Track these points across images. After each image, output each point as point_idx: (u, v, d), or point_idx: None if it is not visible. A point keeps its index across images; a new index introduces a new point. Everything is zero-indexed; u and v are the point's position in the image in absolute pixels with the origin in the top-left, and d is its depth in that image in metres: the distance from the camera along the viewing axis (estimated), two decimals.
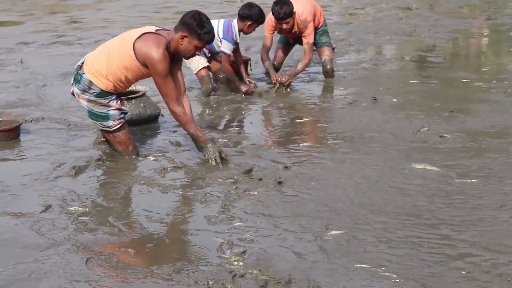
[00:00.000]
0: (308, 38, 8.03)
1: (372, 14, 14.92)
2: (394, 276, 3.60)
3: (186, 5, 16.75)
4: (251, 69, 8.48)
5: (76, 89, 5.42)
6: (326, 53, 8.46)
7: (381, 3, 16.63)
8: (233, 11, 15.18)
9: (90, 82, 5.29)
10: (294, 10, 7.72)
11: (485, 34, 12.73)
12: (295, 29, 7.98)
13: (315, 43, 8.36)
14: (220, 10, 15.42)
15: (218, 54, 7.80)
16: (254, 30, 7.63)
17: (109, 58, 5.27)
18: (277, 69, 8.61)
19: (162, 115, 6.75)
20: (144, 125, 6.48)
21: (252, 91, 7.71)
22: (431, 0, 17.00)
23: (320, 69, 8.80)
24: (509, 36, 12.14)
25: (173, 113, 5.32)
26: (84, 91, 5.36)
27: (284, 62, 8.76)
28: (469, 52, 11.14)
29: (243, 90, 7.69)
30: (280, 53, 8.61)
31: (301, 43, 8.25)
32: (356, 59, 9.80)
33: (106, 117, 5.42)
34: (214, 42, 7.50)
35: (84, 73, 5.33)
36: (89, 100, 5.38)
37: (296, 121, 6.67)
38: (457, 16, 14.55)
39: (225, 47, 7.53)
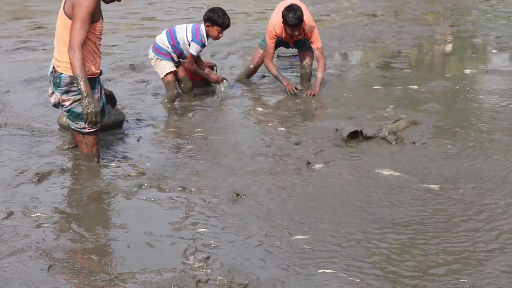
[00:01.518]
0: (317, 43, 8.11)
1: (337, 20, 14.99)
2: (357, 280, 3.62)
3: (152, 11, 16.74)
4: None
5: (58, 94, 5.33)
6: (309, 57, 8.51)
7: (347, 10, 16.74)
8: (200, 17, 15.14)
9: (70, 77, 5.21)
10: None
11: (448, 40, 12.86)
12: (302, 34, 8.03)
13: (299, 46, 8.43)
14: (187, 16, 15.40)
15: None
16: (221, 35, 7.64)
17: (64, 40, 5.21)
18: (252, 72, 8.65)
19: (127, 120, 6.72)
20: (108, 131, 6.44)
21: (223, 78, 7.81)
22: (396, 7, 17.15)
23: (286, 74, 8.83)
24: (471, 42, 12.29)
25: (71, 50, 5.10)
26: (67, 92, 5.26)
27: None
28: (433, 58, 11.25)
29: (213, 78, 7.78)
30: (260, 60, 8.63)
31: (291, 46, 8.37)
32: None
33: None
34: (181, 41, 7.53)
35: (61, 73, 5.25)
36: (74, 100, 5.30)
37: (261, 126, 6.67)
38: (421, 23, 14.69)
39: (193, 49, 7.55)
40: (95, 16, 5.19)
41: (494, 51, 11.37)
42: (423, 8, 17.35)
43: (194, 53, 7.58)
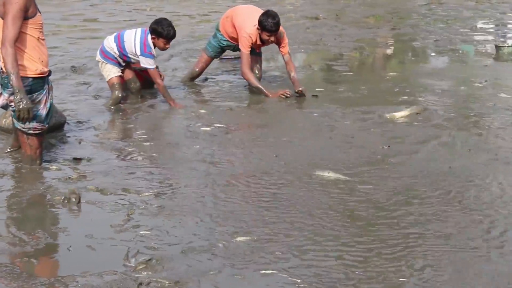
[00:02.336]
0: (287, 47, 8.14)
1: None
2: (299, 281, 3.66)
3: (94, 12, 16.55)
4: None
5: (6, 95, 5.22)
6: (259, 62, 8.58)
7: (289, 13, 16.81)
8: (142, 19, 15.09)
9: None
10: None
11: (389, 43, 13.03)
12: (275, 40, 8.04)
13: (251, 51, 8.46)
14: (129, 18, 15.27)
15: (132, 65, 7.76)
16: (168, 46, 7.61)
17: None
18: (196, 76, 8.64)
19: (67, 123, 6.65)
20: (49, 133, 6.36)
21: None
22: (337, 10, 17.30)
23: (229, 77, 8.87)
24: (411, 45, 12.47)
25: (3, 47, 5.03)
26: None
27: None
28: (374, 61, 11.39)
29: (177, 107, 7.49)
30: (205, 65, 8.63)
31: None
32: (264, 68, 9.87)
33: (33, 118, 5.26)
34: (130, 53, 7.49)
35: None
36: None
37: (202, 128, 6.67)
38: (362, 26, 14.83)
39: (149, 63, 7.44)
40: (30, 11, 5.12)
41: (433, 54, 11.56)
42: (364, 11, 17.52)
43: (152, 66, 7.47)
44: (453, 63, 10.68)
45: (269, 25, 7.68)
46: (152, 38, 7.44)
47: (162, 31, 7.41)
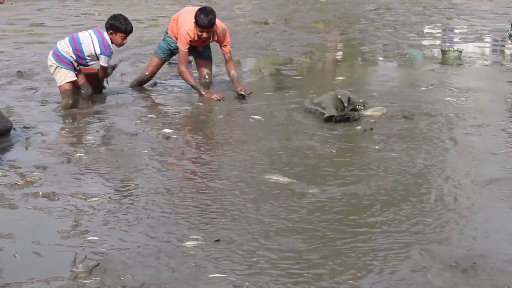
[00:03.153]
0: (229, 46, 8.24)
1: (229, 28, 14.99)
2: (247, 284, 3.66)
3: (40, 17, 16.41)
4: (107, 83, 8.38)
5: None
6: (209, 66, 8.56)
7: (239, 17, 16.87)
8: (90, 23, 14.98)
9: None
10: None
11: (338, 48, 13.15)
12: (214, 38, 8.04)
13: (199, 55, 8.42)
14: (77, 23, 15.17)
15: (82, 69, 7.72)
16: (125, 41, 7.64)
17: None
18: (146, 80, 8.60)
19: (14, 129, 6.56)
20: None
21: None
22: (286, 15, 17.40)
23: (178, 82, 8.84)
24: (360, 50, 12.60)
25: None
26: None
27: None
28: (324, 65, 11.47)
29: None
30: (156, 68, 8.60)
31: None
32: (213, 72, 9.86)
33: None
34: (88, 54, 7.49)
35: None
36: None
37: (151, 133, 6.63)
38: (311, 31, 14.95)
39: (104, 61, 7.54)
40: None
41: (381, 58, 11.70)
42: (313, 16, 17.68)
43: (105, 64, 7.57)
44: (400, 67, 10.83)
45: (201, 20, 7.74)
46: (110, 34, 7.46)
47: (120, 26, 7.48)
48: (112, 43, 7.52)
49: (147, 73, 8.69)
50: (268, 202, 4.80)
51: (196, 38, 8.01)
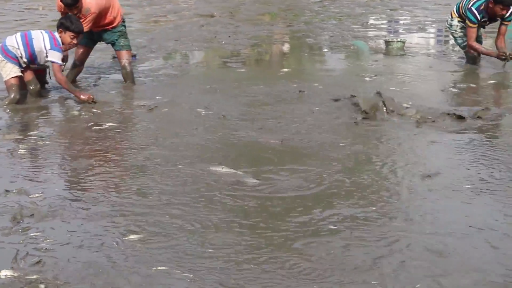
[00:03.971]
0: (86, 25, 7.92)
1: (174, 21, 15.00)
2: (191, 276, 3.66)
3: None
4: (50, 77, 8.27)
5: None
6: (125, 56, 8.41)
7: (183, 10, 16.79)
8: (33, 18, 14.80)
9: None
10: None
11: (284, 40, 13.20)
12: (79, 13, 7.85)
13: (113, 45, 8.35)
14: (20, 18, 14.94)
15: (31, 65, 7.62)
16: (75, 41, 7.58)
17: None
18: (78, 72, 8.49)
19: None
20: None
21: (93, 99, 7.51)
22: (232, 8, 17.38)
23: (118, 76, 8.75)
24: (306, 42, 12.65)
25: None
26: None
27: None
28: (269, 58, 11.50)
29: (83, 98, 7.48)
30: (83, 56, 8.48)
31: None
32: (158, 66, 9.83)
33: None
34: (37, 49, 7.43)
35: None
36: None
37: (94, 128, 6.58)
38: (257, 23, 14.96)
39: (56, 57, 7.40)
40: None
41: (326, 50, 11.78)
42: (259, 9, 17.69)
43: (58, 60, 7.42)
44: (345, 58, 10.93)
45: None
46: (60, 32, 7.46)
47: (70, 25, 7.43)
48: (62, 42, 7.46)
49: (77, 63, 8.53)
50: (211, 193, 4.80)
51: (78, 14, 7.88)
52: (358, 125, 6.55)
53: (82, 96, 7.49)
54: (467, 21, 9.58)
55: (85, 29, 7.81)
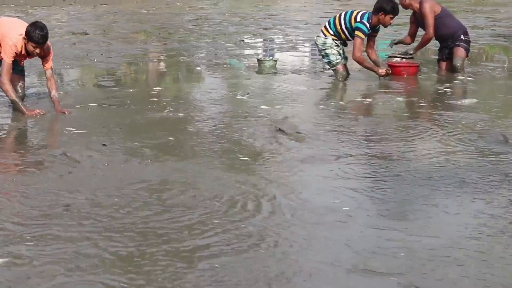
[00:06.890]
0: (51, 62, 7.98)
1: None
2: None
3: None
4: None
5: None
6: (23, 79, 8.43)
7: (55, 28, 16.50)
8: None
9: None
10: None
11: (158, 58, 13.19)
12: (42, 53, 7.78)
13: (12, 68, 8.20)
14: None
15: None
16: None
17: None
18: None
19: None
20: None
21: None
22: (105, 26, 17.23)
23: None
24: (180, 60, 12.67)
25: None
26: None
27: None
28: (142, 76, 11.46)
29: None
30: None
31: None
32: (27, 84, 9.61)
33: None
34: None
35: None
36: None
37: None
38: (130, 42, 14.89)
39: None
40: None
41: (200, 68, 11.84)
42: (132, 27, 17.61)
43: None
44: (219, 77, 11.01)
45: (36, 36, 7.51)
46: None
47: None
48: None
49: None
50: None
51: (23, 52, 7.78)
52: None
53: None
54: (358, 34, 9.75)
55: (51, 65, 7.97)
